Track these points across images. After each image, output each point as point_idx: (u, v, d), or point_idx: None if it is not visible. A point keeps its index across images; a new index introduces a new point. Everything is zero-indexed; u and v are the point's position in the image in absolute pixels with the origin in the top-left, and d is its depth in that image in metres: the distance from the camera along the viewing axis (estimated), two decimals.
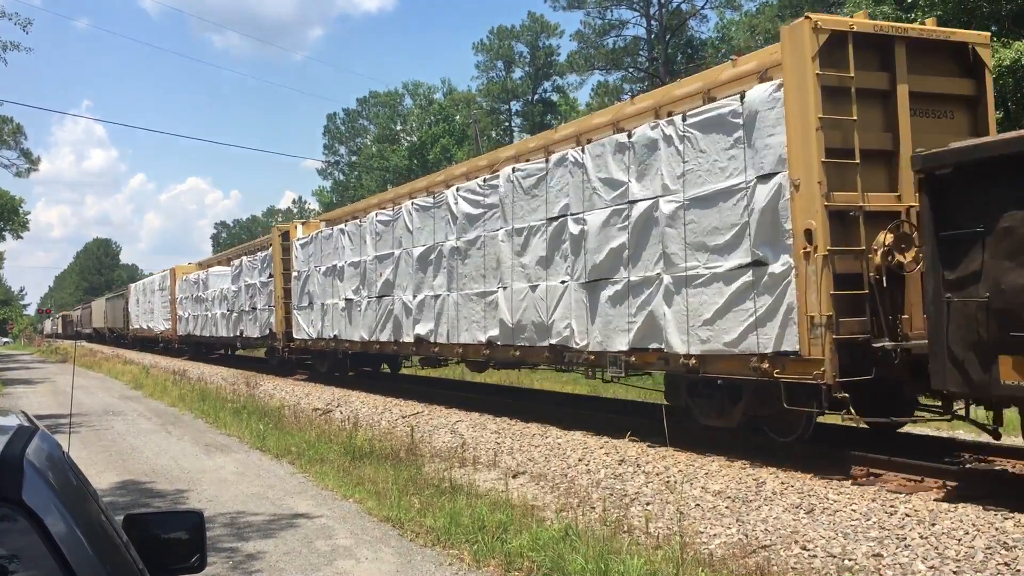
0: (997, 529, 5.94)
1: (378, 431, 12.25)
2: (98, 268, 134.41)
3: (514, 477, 9.04)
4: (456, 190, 14.24)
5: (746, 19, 40.87)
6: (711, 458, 8.93)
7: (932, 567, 5.47)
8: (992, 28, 17.46)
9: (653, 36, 47.48)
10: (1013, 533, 5.82)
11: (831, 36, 8.02)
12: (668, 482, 8.19)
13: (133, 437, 13.31)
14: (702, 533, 6.61)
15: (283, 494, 8.74)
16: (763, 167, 8.31)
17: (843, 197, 8.01)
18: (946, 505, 6.61)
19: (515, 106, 60.19)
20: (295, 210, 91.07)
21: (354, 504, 8.18)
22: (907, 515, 6.44)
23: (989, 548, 5.63)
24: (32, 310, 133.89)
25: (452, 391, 17.52)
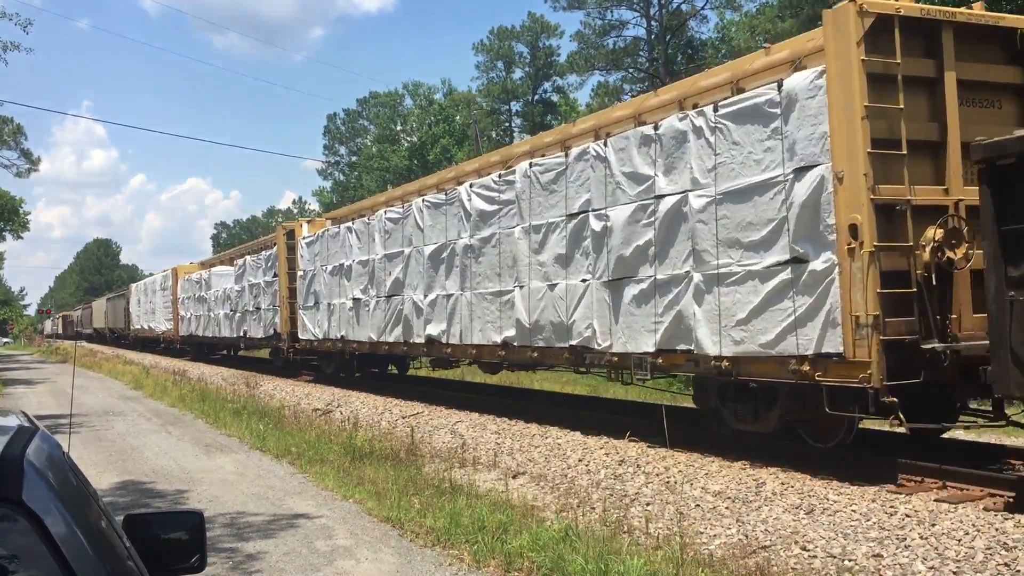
0: (997, 530, 5.95)
1: (378, 431, 12.25)
2: (98, 268, 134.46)
3: (514, 477, 9.04)
4: (470, 186, 13.84)
5: (746, 19, 40.81)
6: (711, 459, 8.94)
7: (932, 567, 5.48)
8: None
9: (653, 36, 47.46)
10: (1013, 534, 5.82)
11: (877, 20, 7.62)
12: (668, 482, 8.19)
13: (133, 437, 13.32)
14: (702, 533, 6.61)
15: (283, 494, 8.74)
16: (803, 159, 7.91)
17: (889, 190, 7.59)
18: (946, 506, 6.61)
19: (515, 106, 60.24)
20: (295, 210, 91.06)
21: (354, 504, 8.18)
22: (907, 515, 6.45)
23: (989, 549, 5.63)
24: (32, 310, 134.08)
25: (452, 391, 17.52)
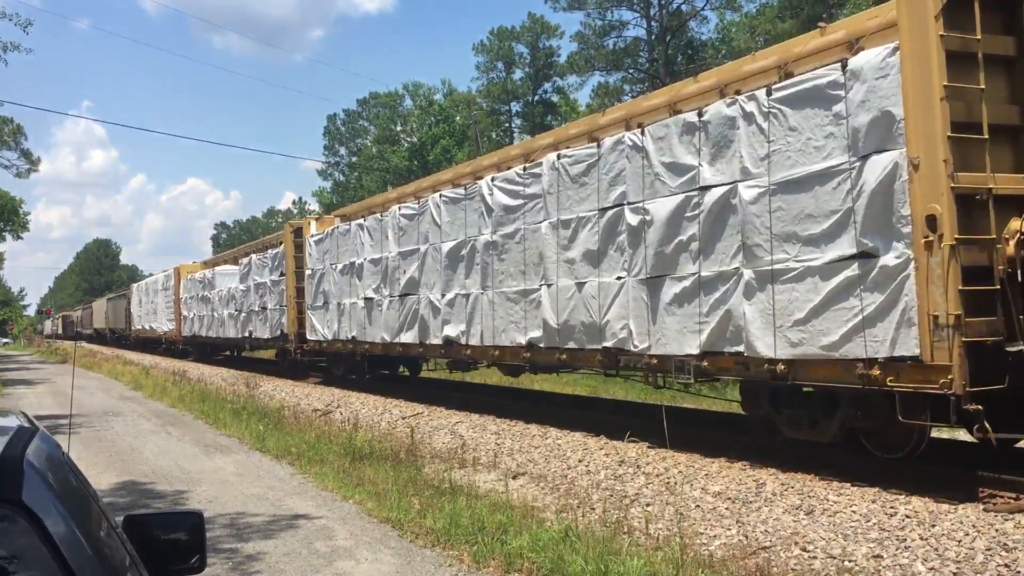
0: (997, 530, 5.94)
1: (378, 432, 12.25)
2: (98, 269, 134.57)
3: (514, 478, 9.04)
4: (491, 180, 13.22)
5: (746, 20, 40.87)
6: (711, 459, 8.94)
7: (932, 568, 5.47)
8: None
9: (653, 37, 47.49)
10: (1013, 534, 5.82)
11: None
12: (668, 483, 8.19)
13: (133, 438, 13.31)
14: (702, 534, 6.61)
15: (283, 495, 8.74)
16: (872, 144, 7.27)
17: (969, 178, 6.93)
18: (946, 506, 6.61)
19: (515, 107, 60.30)
20: (295, 211, 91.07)
21: (354, 505, 8.18)
22: (907, 516, 6.44)
23: (989, 549, 5.63)
24: (32, 311, 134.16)
25: (452, 392, 17.51)
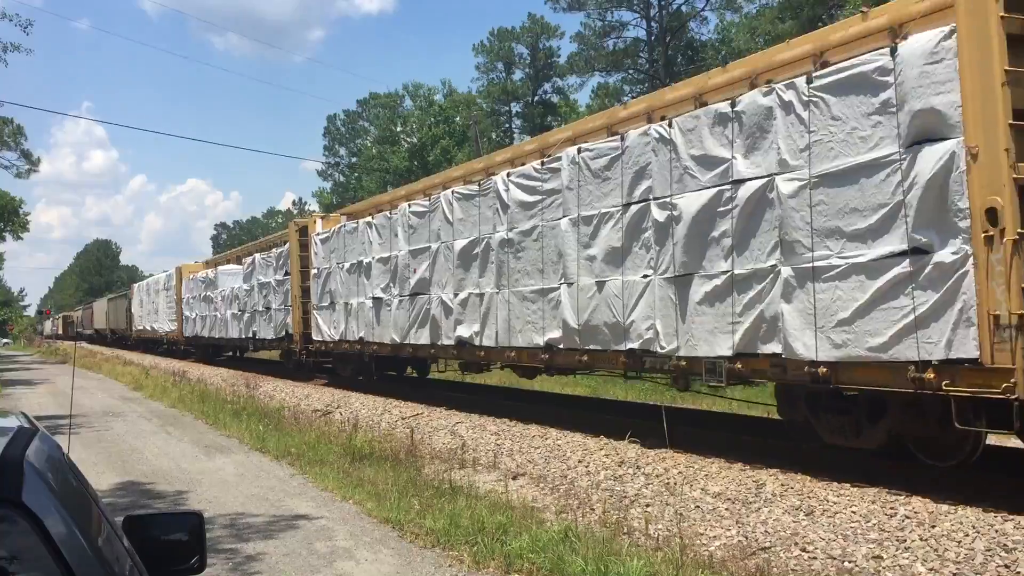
0: (997, 531, 5.94)
1: (378, 432, 12.25)
2: (98, 269, 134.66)
3: (514, 479, 9.04)
4: (506, 175, 12.83)
5: (746, 21, 40.90)
6: (711, 460, 8.93)
7: (932, 569, 5.48)
8: None
9: (653, 38, 47.54)
10: (1013, 535, 5.82)
11: None
12: (668, 484, 8.19)
13: (133, 438, 13.31)
14: (702, 535, 6.61)
15: (283, 495, 8.74)
16: (925, 133, 6.94)
17: None
18: (946, 507, 6.61)
19: (515, 107, 60.34)
20: (295, 211, 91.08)
21: (354, 505, 8.18)
22: (907, 517, 6.44)
23: (989, 550, 5.63)
24: (32, 311, 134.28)
25: (452, 392, 17.51)
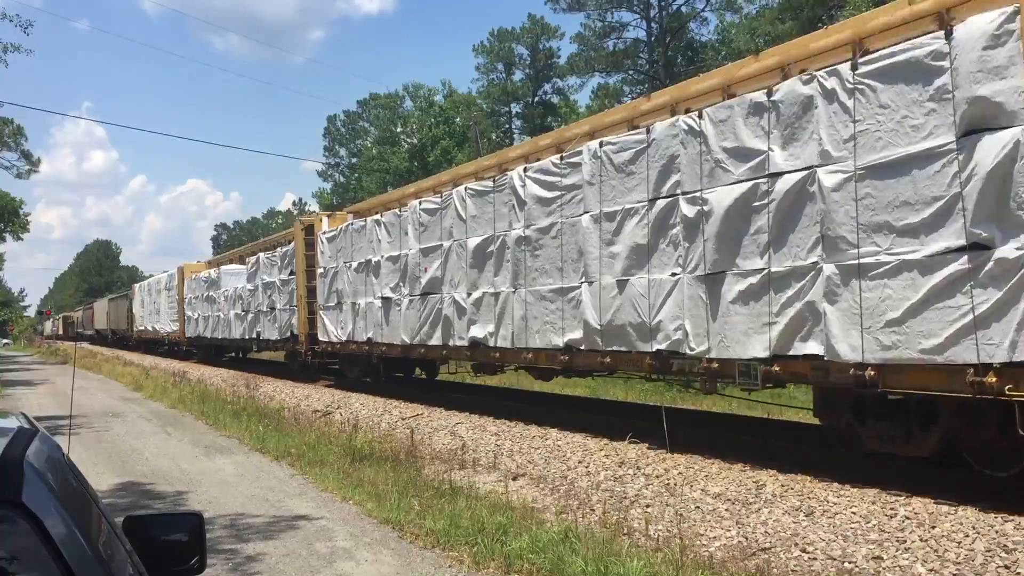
0: (997, 532, 5.94)
1: (378, 433, 12.25)
2: (98, 270, 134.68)
3: (514, 479, 9.04)
4: (523, 171, 12.47)
5: (746, 22, 40.88)
6: (711, 460, 8.94)
7: (932, 570, 5.48)
8: None
9: (653, 39, 47.53)
10: (1013, 536, 5.82)
11: None
12: (668, 484, 8.19)
13: (133, 439, 13.31)
14: (702, 535, 6.61)
15: (283, 496, 8.74)
16: (985, 120, 6.60)
17: None
18: (946, 508, 6.61)
19: (515, 108, 60.34)
20: (295, 212, 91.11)
21: (354, 506, 8.18)
22: (907, 518, 6.44)
23: (989, 551, 5.63)
24: (32, 311, 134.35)
25: (452, 393, 17.51)
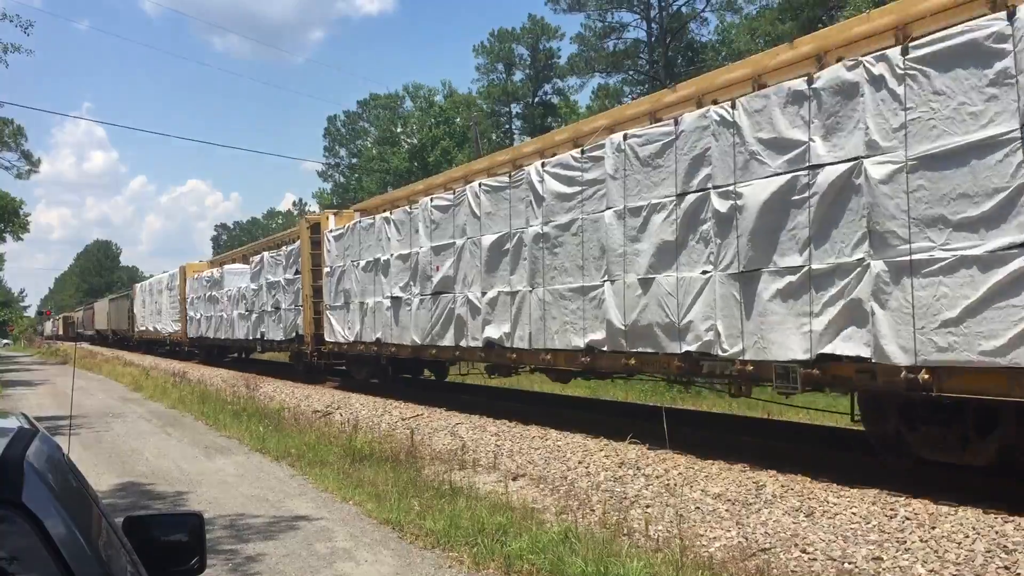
0: (997, 532, 5.94)
1: (378, 433, 12.25)
2: (98, 270, 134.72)
3: (514, 479, 9.04)
4: (541, 165, 12.04)
5: (746, 22, 40.89)
6: (711, 461, 8.93)
7: (932, 570, 5.47)
8: None
9: (653, 39, 47.55)
10: (1013, 536, 5.82)
11: None
12: (668, 485, 8.19)
13: (133, 439, 13.31)
14: (702, 536, 6.61)
15: (283, 496, 8.74)
16: None
17: None
18: (946, 508, 6.61)
19: (515, 108, 60.38)
20: (295, 212, 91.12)
21: (354, 506, 8.18)
22: (907, 518, 6.44)
23: (989, 551, 5.63)
24: (32, 312, 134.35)
25: (452, 394, 17.52)
